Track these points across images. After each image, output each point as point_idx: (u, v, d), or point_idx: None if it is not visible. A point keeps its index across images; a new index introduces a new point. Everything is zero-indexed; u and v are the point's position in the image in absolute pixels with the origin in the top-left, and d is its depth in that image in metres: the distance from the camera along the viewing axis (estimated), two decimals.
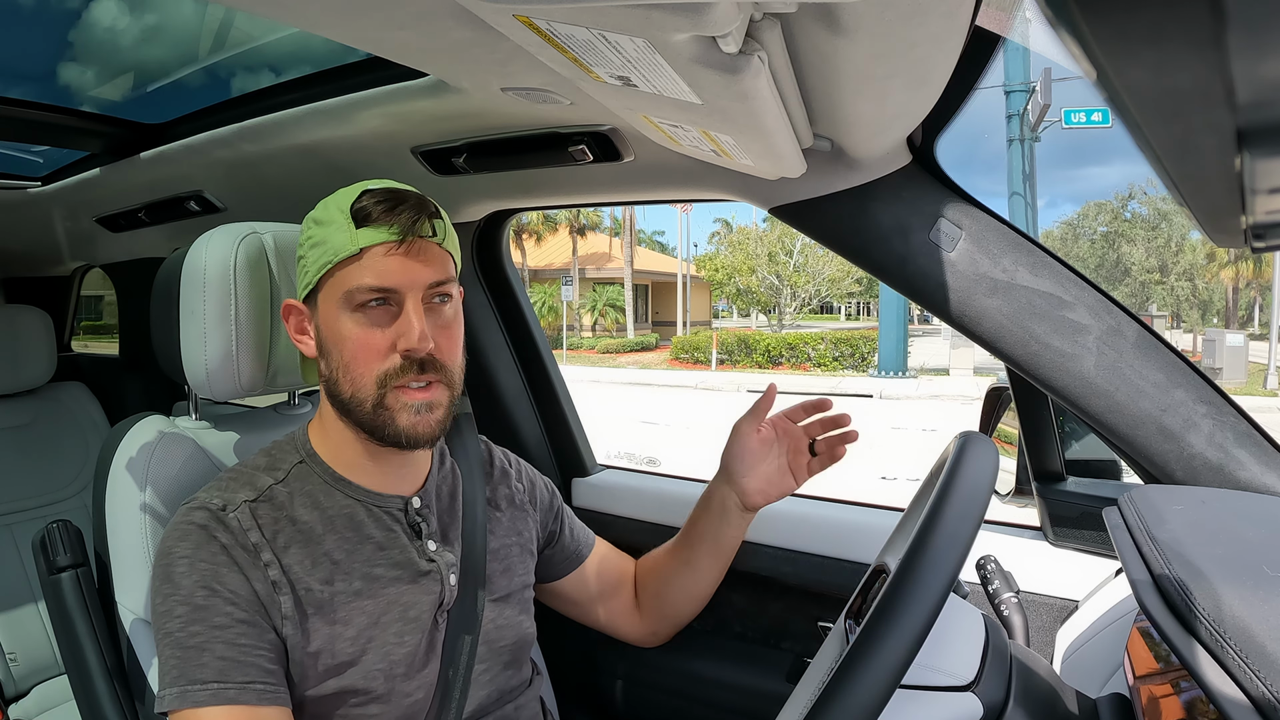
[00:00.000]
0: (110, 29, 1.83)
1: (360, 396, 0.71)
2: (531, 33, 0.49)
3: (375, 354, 0.70)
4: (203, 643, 0.64)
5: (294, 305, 0.77)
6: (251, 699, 0.64)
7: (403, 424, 0.71)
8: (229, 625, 0.65)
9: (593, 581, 0.98)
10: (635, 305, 24.39)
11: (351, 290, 0.70)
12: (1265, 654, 0.40)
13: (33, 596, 1.72)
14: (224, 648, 0.64)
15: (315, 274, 0.72)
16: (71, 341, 2.38)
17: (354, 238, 0.69)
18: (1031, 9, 0.76)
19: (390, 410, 0.71)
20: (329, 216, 0.71)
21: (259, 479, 0.74)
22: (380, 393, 0.71)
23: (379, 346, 0.70)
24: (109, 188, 1.56)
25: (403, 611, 0.74)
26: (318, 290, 0.73)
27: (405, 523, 0.78)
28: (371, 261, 0.69)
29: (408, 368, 0.71)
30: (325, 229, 0.71)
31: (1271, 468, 0.79)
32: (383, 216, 0.69)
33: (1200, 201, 0.31)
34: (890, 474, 6.52)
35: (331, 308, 0.72)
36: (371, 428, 0.72)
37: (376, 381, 0.71)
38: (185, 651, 0.64)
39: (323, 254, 0.71)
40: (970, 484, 0.50)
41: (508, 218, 1.41)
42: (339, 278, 0.71)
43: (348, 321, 0.71)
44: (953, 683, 0.54)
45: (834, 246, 0.95)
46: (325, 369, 0.74)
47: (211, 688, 0.63)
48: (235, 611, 0.66)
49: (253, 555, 0.69)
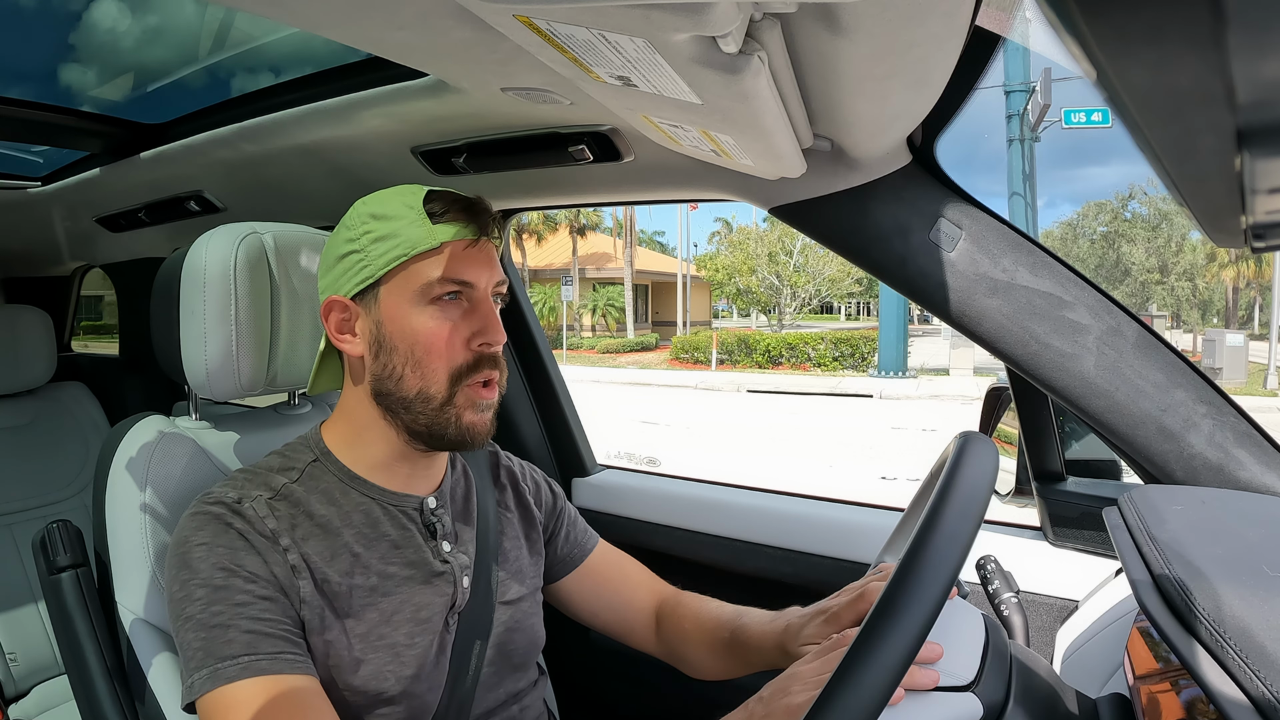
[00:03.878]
0: (111, 29, 1.83)
1: (430, 392, 0.71)
2: (531, 33, 0.49)
3: (451, 348, 0.71)
4: (226, 620, 0.63)
5: (339, 301, 0.74)
6: (284, 668, 0.63)
7: (466, 422, 0.72)
8: (251, 602, 0.65)
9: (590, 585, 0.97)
10: (635, 305, 24.39)
11: (430, 282, 0.70)
12: (1265, 654, 0.40)
13: (33, 596, 1.72)
14: (249, 622, 0.64)
15: (382, 267, 0.71)
16: (71, 341, 2.38)
17: (432, 232, 0.70)
18: (1031, 9, 0.76)
19: (459, 407, 0.72)
20: (396, 212, 0.71)
21: (273, 478, 0.74)
22: (451, 390, 0.71)
23: (456, 341, 0.71)
24: (109, 188, 1.56)
25: (415, 612, 0.74)
26: (379, 284, 0.72)
27: (420, 523, 0.77)
28: (452, 256, 0.71)
29: (481, 363, 0.72)
30: (394, 224, 0.71)
31: (1271, 468, 0.79)
32: (459, 215, 0.71)
33: (1200, 201, 0.31)
34: (890, 474, 6.52)
35: (400, 301, 0.71)
36: (432, 426, 0.72)
37: (450, 377, 0.71)
38: (210, 631, 0.63)
39: (394, 247, 0.70)
40: (970, 484, 0.50)
41: (508, 218, 1.41)
42: (414, 270, 0.71)
43: (422, 315, 0.71)
44: (953, 683, 0.54)
45: (834, 246, 0.95)
46: (382, 367, 0.72)
47: (242, 661, 0.62)
48: (256, 589, 0.65)
49: (271, 541, 0.68)
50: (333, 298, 0.74)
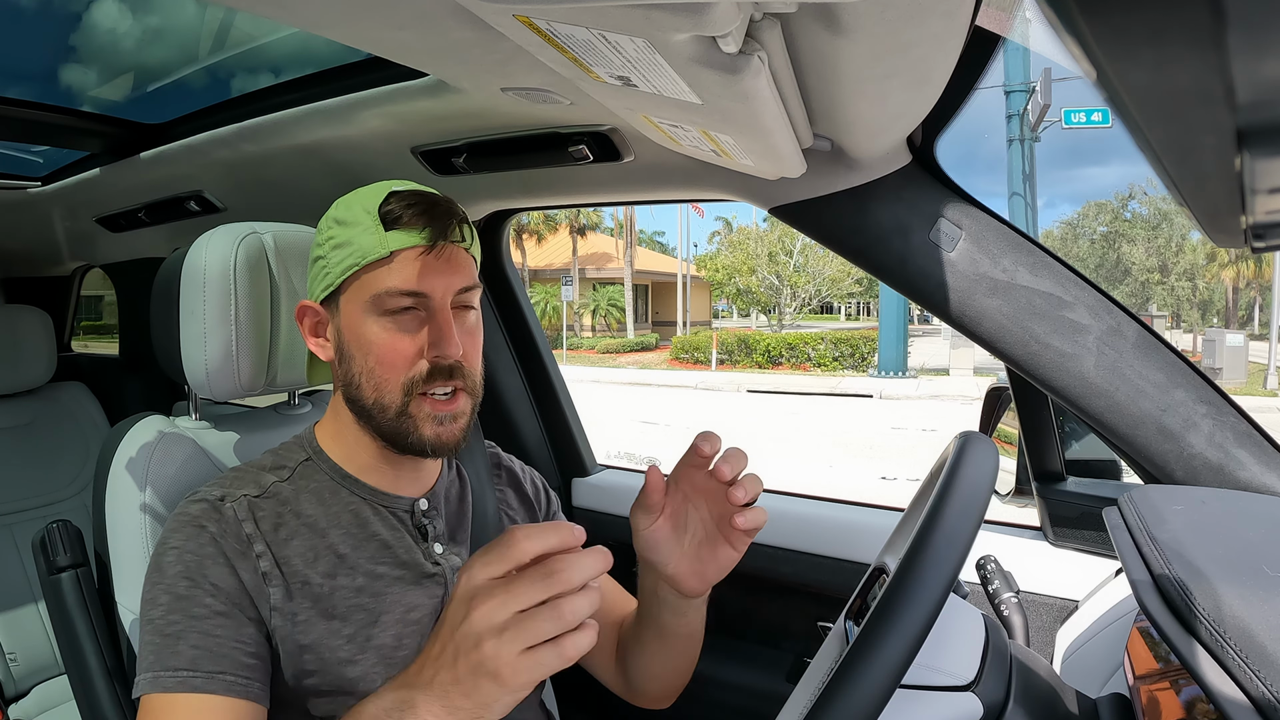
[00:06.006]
0: (111, 29, 1.83)
1: (384, 403, 0.70)
2: (531, 33, 0.49)
3: (403, 360, 0.69)
4: (179, 631, 0.64)
5: (310, 307, 0.74)
6: (218, 689, 0.63)
7: (427, 434, 0.70)
8: (206, 617, 0.65)
9: None
10: (635, 305, 24.39)
11: (380, 294, 0.68)
12: (1265, 654, 0.40)
13: (33, 596, 1.72)
14: (199, 638, 0.64)
15: (339, 275, 0.70)
16: (71, 341, 2.38)
17: (384, 240, 0.67)
18: (1031, 9, 0.76)
19: (414, 418, 0.70)
20: (353, 217, 0.69)
21: (263, 477, 0.74)
22: (405, 400, 0.69)
23: (407, 352, 0.69)
24: (109, 188, 1.56)
25: (404, 613, 0.74)
26: (339, 292, 0.71)
27: (411, 524, 0.77)
28: (402, 265, 0.68)
29: (435, 374, 0.69)
30: (350, 229, 0.69)
31: (1271, 468, 0.79)
32: (414, 220, 0.68)
33: (1200, 201, 0.31)
34: (890, 474, 6.51)
35: (356, 311, 0.70)
36: (393, 435, 0.71)
37: (403, 389, 0.69)
38: (163, 639, 0.64)
39: (348, 255, 0.69)
40: (970, 484, 0.50)
41: (508, 218, 1.41)
42: (365, 280, 0.69)
43: (374, 326, 0.69)
44: (953, 683, 0.54)
45: (834, 246, 0.95)
46: (345, 374, 0.72)
47: (181, 674, 0.63)
48: (214, 604, 0.66)
49: (244, 545, 0.68)
50: (303, 302, 0.75)
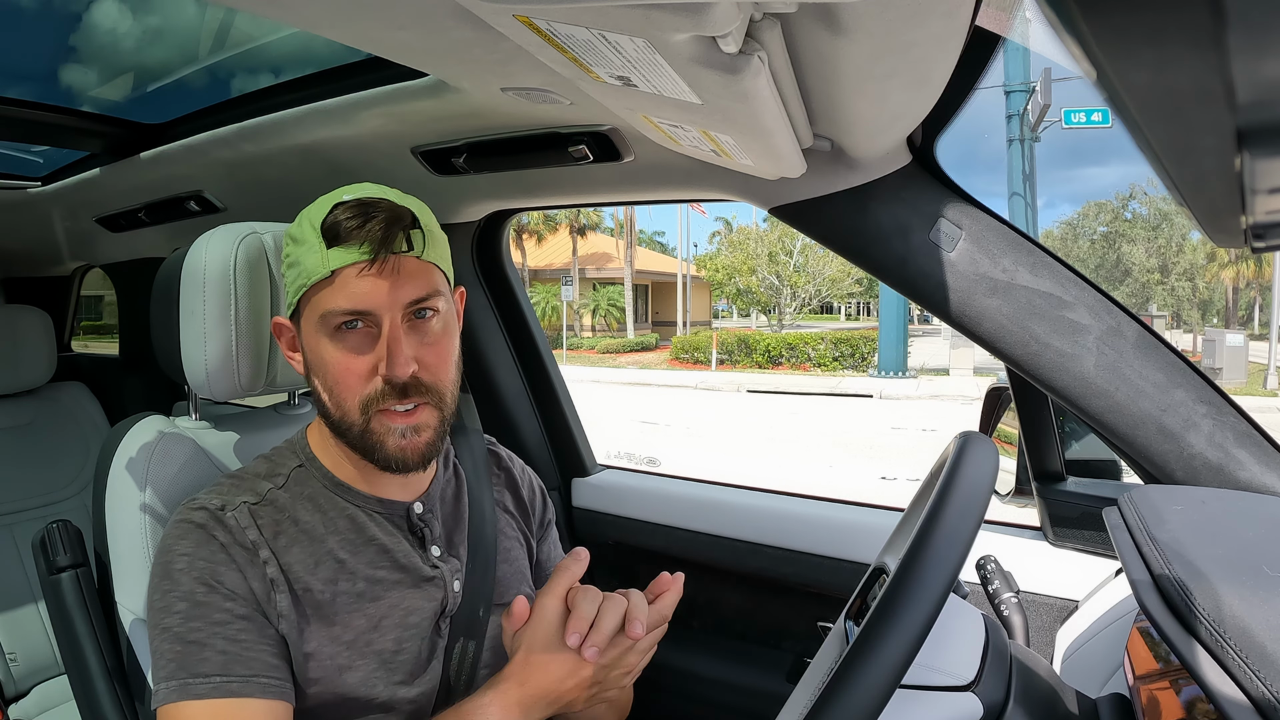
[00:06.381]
0: (111, 29, 1.83)
1: (347, 421, 0.69)
2: (531, 33, 0.49)
3: (356, 379, 0.68)
4: (204, 638, 0.64)
5: (282, 323, 0.75)
6: (255, 692, 0.63)
7: (391, 448, 0.69)
8: (229, 621, 0.65)
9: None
10: (635, 305, 24.38)
11: (326, 314, 0.67)
12: (1265, 654, 0.40)
13: (33, 596, 1.72)
14: (225, 643, 0.64)
15: (294, 296, 0.70)
16: (71, 341, 2.38)
17: (325, 259, 0.66)
18: (1031, 9, 0.76)
19: (377, 434, 0.69)
20: (302, 234, 0.69)
21: (259, 484, 0.74)
22: (365, 417, 0.68)
23: (359, 371, 0.68)
24: (109, 188, 1.56)
25: (403, 616, 0.74)
26: (299, 311, 0.71)
27: (407, 528, 0.77)
28: (344, 284, 0.66)
29: (389, 392, 0.68)
30: (300, 248, 0.68)
31: (1271, 468, 0.79)
32: (353, 234, 0.65)
33: (1200, 201, 0.31)
34: (890, 474, 6.51)
35: (311, 331, 0.69)
36: (361, 450, 0.71)
37: (360, 407, 0.68)
38: (186, 646, 0.64)
39: (297, 276, 0.68)
40: (970, 484, 0.50)
41: (508, 218, 1.41)
42: (314, 301, 0.68)
43: (327, 345, 0.68)
44: (953, 683, 0.54)
45: (834, 246, 0.95)
46: (314, 389, 0.72)
47: (214, 680, 0.63)
48: (235, 608, 0.66)
49: (250, 553, 0.68)
50: (275, 319, 0.76)
